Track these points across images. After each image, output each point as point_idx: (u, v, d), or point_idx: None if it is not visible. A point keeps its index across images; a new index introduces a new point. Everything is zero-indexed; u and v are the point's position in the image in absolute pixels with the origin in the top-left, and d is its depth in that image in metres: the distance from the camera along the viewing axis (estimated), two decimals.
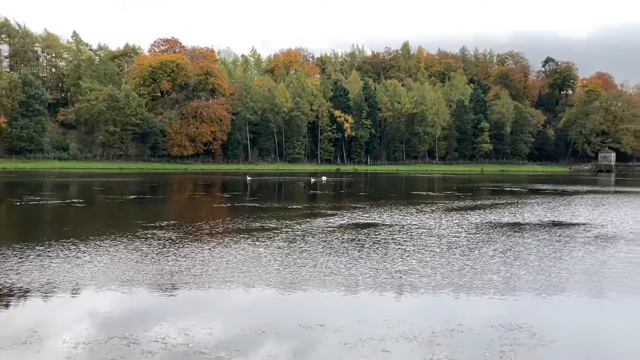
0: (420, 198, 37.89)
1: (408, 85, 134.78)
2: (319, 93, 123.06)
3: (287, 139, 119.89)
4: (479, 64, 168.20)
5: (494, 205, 32.22)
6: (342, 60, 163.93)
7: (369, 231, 19.99)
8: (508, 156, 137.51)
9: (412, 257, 15.04)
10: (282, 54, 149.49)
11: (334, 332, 8.85)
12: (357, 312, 9.93)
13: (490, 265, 14.16)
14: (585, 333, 9.27)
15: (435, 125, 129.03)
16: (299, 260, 14.46)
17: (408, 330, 8.91)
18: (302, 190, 46.90)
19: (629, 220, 24.96)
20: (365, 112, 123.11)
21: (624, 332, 9.41)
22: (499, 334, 8.85)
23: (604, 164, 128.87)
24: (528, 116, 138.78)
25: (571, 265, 14.31)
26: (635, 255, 15.89)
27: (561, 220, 24.70)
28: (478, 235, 19.44)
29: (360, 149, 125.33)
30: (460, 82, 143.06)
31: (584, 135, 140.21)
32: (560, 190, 48.70)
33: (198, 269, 13.16)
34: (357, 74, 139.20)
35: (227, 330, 8.95)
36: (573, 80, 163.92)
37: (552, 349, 8.29)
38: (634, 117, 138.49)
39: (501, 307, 10.48)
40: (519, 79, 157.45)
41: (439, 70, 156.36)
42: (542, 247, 17.08)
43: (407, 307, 10.49)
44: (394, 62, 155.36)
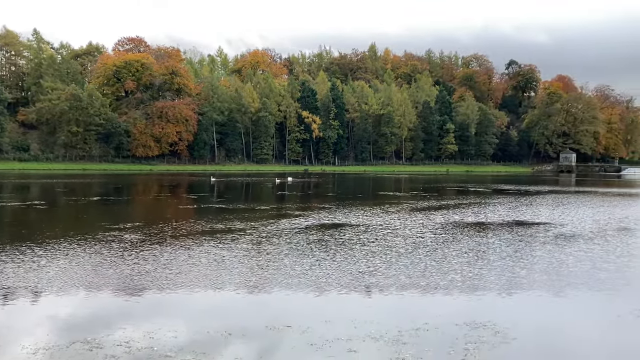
0: (386, 198, 38.21)
1: (375, 87, 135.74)
2: (287, 94, 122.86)
3: (255, 139, 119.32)
4: (444, 66, 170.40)
5: (459, 205, 32.72)
6: (309, 61, 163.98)
7: (335, 232, 20.05)
8: (473, 157, 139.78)
9: (378, 258, 15.14)
10: (249, 54, 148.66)
11: (301, 332, 8.84)
12: (324, 313, 9.94)
13: (455, 264, 14.37)
14: (546, 330, 9.48)
15: (402, 126, 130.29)
16: (265, 261, 14.41)
17: (375, 330, 8.96)
18: (269, 191, 46.74)
19: (588, 219, 25.68)
20: (333, 113, 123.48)
21: (583, 328, 9.67)
22: (464, 332, 8.99)
23: (565, 164, 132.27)
24: (492, 118, 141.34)
25: (533, 264, 14.64)
26: (593, 254, 16.35)
27: (523, 219, 25.25)
28: (443, 235, 19.70)
29: (328, 150, 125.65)
30: (426, 83, 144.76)
31: (546, 136, 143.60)
32: (523, 191, 49.78)
33: (163, 272, 12.98)
34: (325, 75, 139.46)
35: (193, 332, 8.85)
36: (535, 83, 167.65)
37: (515, 346, 8.46)
38: (593, 118, 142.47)
39: (466, 305, 10.65)
40: (483, 81, 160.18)
41: (406, 72, 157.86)
42: (504, 246, 17.43)
43: (374, 307, 10.55)
44: (361, 64, 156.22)
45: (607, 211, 30.07)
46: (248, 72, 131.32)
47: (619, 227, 22.92)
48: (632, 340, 8.92)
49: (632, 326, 9.56)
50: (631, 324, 9.68)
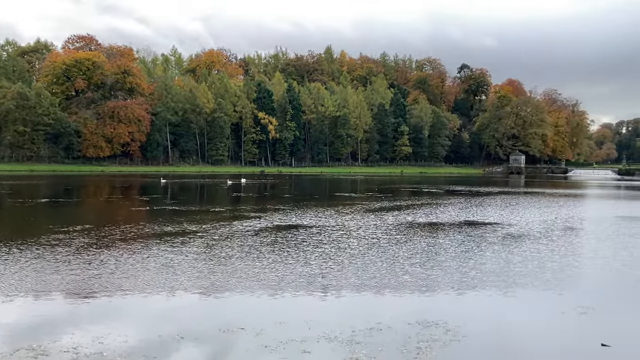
0: (342, 199, 38.45)
1: (331, 89, 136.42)
2: (243, 94, 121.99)
3: (210, 140, 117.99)
4: (398, 69, 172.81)
5: (412, 206, 33.24)
6: (265, 62, 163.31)
7: (290, 233, 20.04)
8: (426, 159, 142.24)
9: (333, 259, 15.23)
10: (204, 54, 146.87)
11: (254, 335, 8.80)
12: (278, 315, 9.93)
13: (407, 265, 14.59)
14: (496, 328, 9.74)
15: (358, 128, 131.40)
16: (219, 264, 14.27)
17: (329, 331, 9.01)
18: (224, 193, 46.29)
19: (535, 219, 26.53)
20: (290, 114, 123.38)
21: (530, 326, 9.97)
22: (416, 331, 9.14)
23: (514, 166, 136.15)
24: (445, 120, 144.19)
25: (482, 264, 15.02)
26: (540, 253, 16.91)
27: (474, 220, 25.87)
28: (396, 236, 19.98)
29: (285, 151, 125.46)
30: (381, 86, 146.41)
31: (496, 138, 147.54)
32: (474, 191, 51.00)
33: (114, 275, 12.68)
34: (281, 76, 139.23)
35: (144, 337, 8.67)
36: (486, 86, 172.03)
37: (465, 343, 8.66)
38: (541, 122, 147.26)
39: (418, 305, 10.83)
40: (436, 84, 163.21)
41: (361, 74, 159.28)
42: (455, 246, 17.81)
43: (328, 307, 10.60)
44: (318, 66, 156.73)
45: (554, 211, 31.14)
46: (203, 72, 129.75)
47: (565, 226, 23.77)
48: (576, 336, 9.27)
49: (576, 322, 9.93)
50: (575, 320, 10.05)
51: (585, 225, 24.72)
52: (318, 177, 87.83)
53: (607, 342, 8.68)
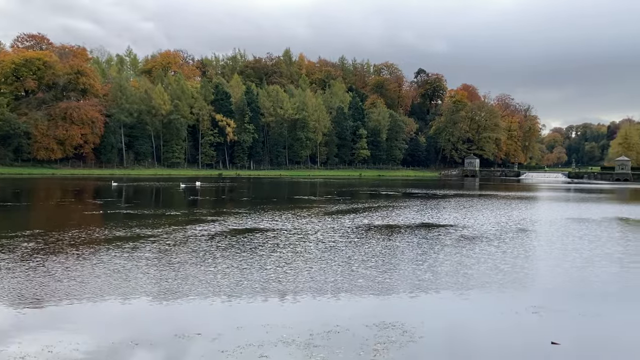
0: (301, 203, 38.44)
1: (290, 92, 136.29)
2: (200, 96, 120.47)
3: (166, 142, 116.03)
4: (357, 73, 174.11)
5: (371, 208, 33.53)
6: (223, 64, 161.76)
7: (248, 237, 19.90)
8: (384, 162, 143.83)
9: (291, 263, 15.20)
10: (160, 55, 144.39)
11: (211, 340, 8.68)
12: (236, 319, 9.83)
13: (365, 267, 14.69)
14: (451, 328, 9.90)
15: (317, 131, 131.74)
16: (173, 269, 14.03)
17: (287, 335, 8.97)
18: (180, 197, 45.60)
19: (489, 221, 27.16)
20: (248, 116, 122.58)
21: (484, 325, 10.19)
22: (373, 332, 9.20)
23: (469, 169, 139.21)
24: (402, 124, 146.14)
25: (438, 266, 15.26)
26: (494, 255, 17.33)
27: (430, 222, 26.28)
28: (354, 238, 20.10)
29: (243, 154, 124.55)
30: (340, 90, 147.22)
31: (452, 142, 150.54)
32: (431, 194, 51.85)
33: (65, 281, 12.29)
34: (240, 78, 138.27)
35: (96, 344, 8.43)
36: (442, 91, 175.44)
37: (422, 344, 8.77)
38: (495, 126, 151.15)
39: (375, 307, 10.91)
40: (393, 88, 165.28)
41: (320, 77, 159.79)
42: (412, 249, 18.05)
43: (286, 311, 10.56)
44: (276, 68, 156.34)
45: (507, 213, 31.95)
46: (159, 73, 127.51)
47: (517, 228, 24.42)
48: (528, 335, 9.50)
49: (528, 321, 10.19)
50: (527, 319, 10.32)
51: (537, 227, 25.45)
52: (277, 180, 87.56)
53: (556, 340, 8.94)
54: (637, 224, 27.68)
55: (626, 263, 16.00)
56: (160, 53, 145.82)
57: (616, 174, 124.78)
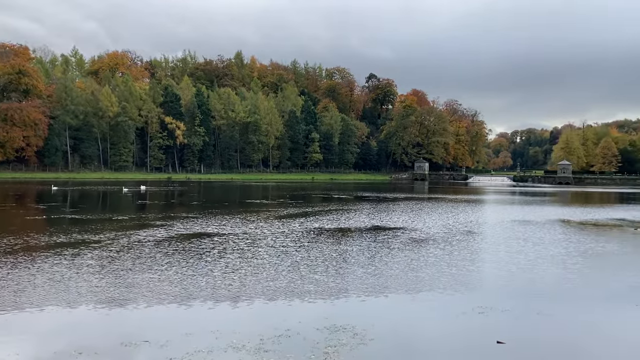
0: (253, 207, 38.18)
1: (242, 94, 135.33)
2: (148, 98, 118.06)
3: (113, 145, 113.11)
4: (309, 77, 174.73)
5: (322, 212, 33.63)
6: (173, 66, 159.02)
7: (197, 242, 19.61)
8: (336, 165, 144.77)
9: (242, 267, 15.06)
10: (107, 56, 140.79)
11: (159, 347, 8.50)
12: (185, 326, 9.65)
13: (316, 271, 14.72)
14: (401, 330, 10.03)
15: (269, 134, 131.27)
16: (121, 274, 13.67)
17: (237, 340, 8.88)
18: (128, 201, 44.49)
19: (437, 224, 27.71)
20: (199, 119, 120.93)
21: (433, 326, 10.37)
22: (324, 336, 9.22)
23: (419, 173, 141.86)
24: (354, 128, 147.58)
25: (388, 268, 15.45)
26: (442, 257, 17.68)
27: (381, 225, 26.59)
28: (305, 242, 20.10)
29: (194, 157, 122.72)
30: (292, 93, 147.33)
31: (402, 146, 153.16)
32: (382, 197, 52.50)
33: (4, 289, 11.76)
34: (190, 80, 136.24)
35: (37, 354, 8.11)
36: (393, 96, 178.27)
37: (372, 346, 8.85)
38: (443, 130, 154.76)
39: (326, 310, 10.93)
40: (345, 93, 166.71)
41: (272, 81, 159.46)
42: (363, 252, 18.21)
43: (237, 316, 10.45)
44: (228, 70, 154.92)
45: (455, 216, 32.68)
46: (106, 75, 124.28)
47: (465, 230, 25.01)
48: (474, 335, 9.73)
49: (475, 322, 10.44)
50: (474, 319, 10.56)
51: (484, 229, 26.13)
52: (228, 184, 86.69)
53: (502, 340, 9.19)
54: (578, 226, 28.83)
55: (569, 264, 16.62)
56: (107, 54, 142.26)
57: (558, 177, 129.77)
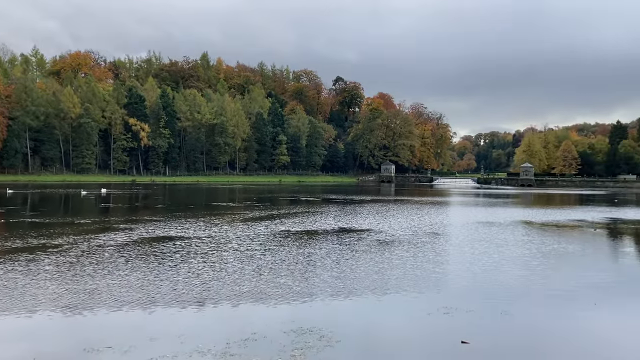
0: (219, 209, 37.85)
1: (208, 96, 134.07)
2: (112, 99, 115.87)
3: (75, 147, 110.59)
4: (276, 79, 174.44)
5: (290, 214, 33.57)
6: (137, 66, 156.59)
7: (161, 246, 19.33)
8: (304, 167, 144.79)
9: (208, 270, 14.91)
10: (69, 56, 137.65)
11: (122, 353, 8.34)
12: (150, 330, 9.49)
13: (283, 274, 14.67)
14: (367, 331, 10.08)
15: (236, 136, 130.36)
16: (83, 280, 13.37)
17: (202, 344, 8.78)
18: (91, 204, 43.55)
19: (403, 226, 27.97)
20: (164, 121, 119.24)
21: (399, 327, 10.45)
22: (291, 338, 9.19)
23: (385, 175, 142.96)
24: (321, 131, 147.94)
25: (355, 270, 15.51)
26: (407, 259, 17.84)
27: (347, 227, 26.69)
28: (272, 245, 20.03)
29: (159, 159, 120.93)
30: (259, 95, 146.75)
31: (369, 149, 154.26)
32: (349, 200, 52.72)
33: None
34: (155, 81, 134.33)
35: None
36: (360, 99, 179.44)
37: (339, 348, 8.86)
38: (409, 133, 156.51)
39: (293, 313, 10.90)
40: (312, 95, 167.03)
41: (239, 82, 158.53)
42: (330, 253, 18.24)
43: (203, 320, 10.33)
44: (193, 72, 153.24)
45: (420, 218, 33.04)
46: (68, 75, 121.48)
47: (430, 232, 25.31)
48: (440, 335, 9.85)
49: (440, 322, 10.57)
50: (439, 320, 10.69)
51: (449, 231, 26.49)
52: (194, 187, 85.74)
53: (466, 339, 9.33)
54: (540, 227, 29.50)
55: (532, 265, 16.98)
56: (69, 54, 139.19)
57: (521, 179, 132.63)
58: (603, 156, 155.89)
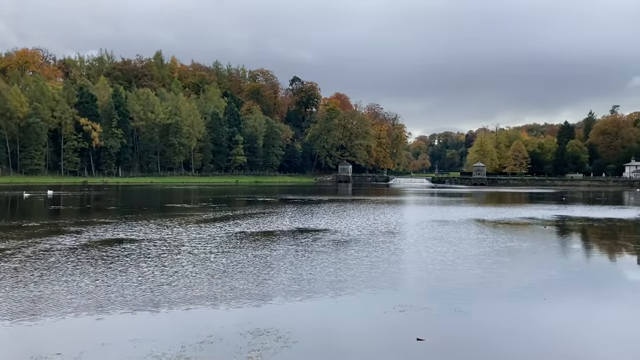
0: (174, 211, 37.22)
1: (162, 95, 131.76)
2: (62, 99, 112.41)
3: (23, 148, 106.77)
4: (232, 79, 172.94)
5: (247, 215, 33.33)
6: (88, 65, 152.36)
7: (113, 249, 18.86)
8: (261, 168, 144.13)
9: (163, 273, 14.63)
10: (15, 53, 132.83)
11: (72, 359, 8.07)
12: (101, 336, 9.23)
13: (239, 276, 14.54)
14: (324, 331, 10.09)
15: (191, 136, 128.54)
16: (31, 284, 12.90)
17: (157, 348, 8.60)
18: (40, 206, 42.11)
19: (360, 225, 28.18)
20: (116, 120, 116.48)
21: (356, 326, 10.50)
22: (248, 340, 9.11)
23: (343, 175, 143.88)
24: (278, 131, 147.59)
25: (312, 270, 15.52)
26: (364, 258, 17.98)
27: (305, 227, 26.70)
28: (228, 246, 19.83)
29: (111, 160, 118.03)
30: (215, 95, 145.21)
31: (326, 149, 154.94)
32: (306, 200, 52.77)
33: None
34: (106, 80, 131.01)
35: None
36: (317, 99, 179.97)
37: (296, 348, 8.84)
38: (366, 134, 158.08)
39: (249, 315, 10.81)
40: (269, 95, 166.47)
41: (193, 82, 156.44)
42: (287, 254, 18.19)
43: (158, 324, 10.13)
44: (147, 71, 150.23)
45: (377, 217, 33.36)
46: (14, 73, 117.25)
47: (386, 231, 25.57)
48: (395, 332, 9.95)
49: (396, 320, 10.68)
50: (395, 318, 10.80)
51: (404, 229, 26.84)
52: (148, 188, 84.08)
53: (422, 337, 9.46)
54: (492, 225, 30.24)
55: (485, 263, 17.37)
56: (16, 51, 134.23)
57: (474, 178, 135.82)
58: (552, 156, 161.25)
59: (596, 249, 22.09)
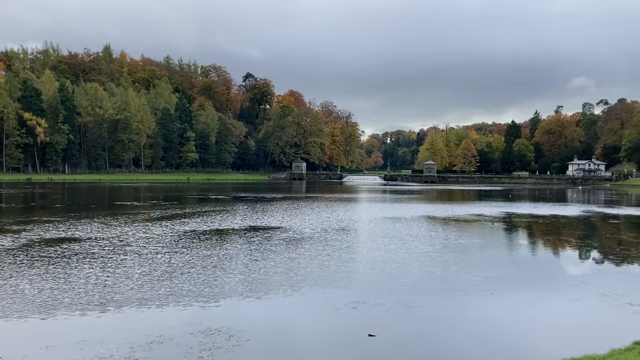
0: (123, 209, 36.33)
1: (110, 90, 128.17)
2: (4, 92, 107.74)
3: None
4: (183, 74, 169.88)
5: (198, 213, 32.87)
6: (33, 58, 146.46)
7: (58, 249, 18.27)
8: (214, 165, 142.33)
9: (111, 273, 14.27)
10: None
11: None
12: (45, 338, 8.93)
13: (190, 275, 14.35)
14: (277, 329, 10.07)
15: (141, 133, 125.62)
16: None
17: (104, 350, 8.40)
18: None
19: (314, 222, 28.26)
20: (62, 115, 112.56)
21: (308, 323, 10.53)
22: (199, 340, 9.00)
23: (297, 172, 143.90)
24: (231, 127, 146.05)
25: (264, 268, 15.46)
26: (317, 256, 18.05)
27: (258, 225, 26.56)
28: (179, 245, 19.53)
29: (57, 157, 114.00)
30: (166, 90, 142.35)
31: (280, 146, 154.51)
32: (260, 197, 52.48)
33: None
34: (52, 74, 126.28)
35: None
36: (270, 96, 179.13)
37: (248, 347, 8.80)
38: (320, 131, 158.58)
39: (201, 314, 10.68)
40: (222, 91, 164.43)
41: (144, 77, 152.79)
42: (240, 252, 18.07)
43: (106, 325, 9.87)
44: (95, 65, 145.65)
45: (330, 214, 33.52)
46: None
47: (339, 228, 25.74)
48: (348, 329, 10.03)
49: (348, 316, 10.77)
50: (347, 314, 10.90)
51: (357, 226, 27.08)
52: (96, 185, 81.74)
53: (373, 332, 9.57)
54: (443, 222, 30.89)
55: (435, 259, 17.73)
56: None
57: (425, 176, 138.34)
58: (499, 154, 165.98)
59: (541, 244, 22.89)
